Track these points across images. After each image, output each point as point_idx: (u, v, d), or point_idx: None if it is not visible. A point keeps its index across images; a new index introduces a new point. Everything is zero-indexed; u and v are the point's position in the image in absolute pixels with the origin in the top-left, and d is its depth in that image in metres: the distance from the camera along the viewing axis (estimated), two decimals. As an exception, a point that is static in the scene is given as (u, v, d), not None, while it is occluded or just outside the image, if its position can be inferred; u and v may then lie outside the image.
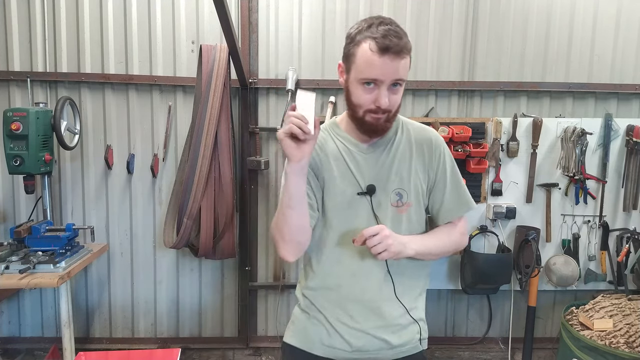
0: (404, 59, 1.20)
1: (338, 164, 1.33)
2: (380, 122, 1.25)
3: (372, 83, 1.20)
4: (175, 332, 3.19)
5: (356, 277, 1.34)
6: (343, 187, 1.32)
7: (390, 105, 1.23)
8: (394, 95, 1.23)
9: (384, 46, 1.16)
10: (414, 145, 1.37)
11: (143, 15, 2.95)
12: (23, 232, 2.54)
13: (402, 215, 1.34)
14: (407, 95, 3.06)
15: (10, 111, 2.53)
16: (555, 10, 3.02)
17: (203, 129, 2.67)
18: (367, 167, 1.33)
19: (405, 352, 1.39)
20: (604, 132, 2.98)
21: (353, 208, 1.32)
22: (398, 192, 1.34)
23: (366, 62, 1.19)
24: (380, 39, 1.17)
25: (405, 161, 1.35)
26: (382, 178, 1.33)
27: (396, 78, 1.21)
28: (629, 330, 2.49)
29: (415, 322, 1.40)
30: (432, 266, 1.47)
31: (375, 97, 1.21)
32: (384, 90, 1.21)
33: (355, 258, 1.33)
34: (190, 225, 2.72)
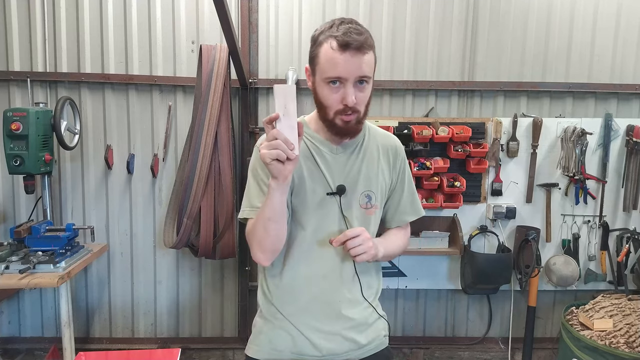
0: (366, 54, 1.19)
1: (308, 163, 1.31)
2: (350, 124, 1.24)
3: (337, 82, 1.20)
4: (175, 332, 3.19)
5: (327, 279, 1.32)
6: (313, 186, 1.31)
7: (358, 103, 1.21)
8: (360, 92, 1.22)
9: (345, 43, 1.16)
10: (380, 149, 1.39)
11: (143, 15, 2.95)
12: (23, 232, 2.54)
13: (370, 217, 1.36)
14: (407, 96, 3.07)
15: (10, 111, 2.53)
16: (555, 10, 3.02)
17: (203, 129, 2.67)
18: (337, 167, 1.32)
19: (372, 349, 1.40)
20: (604, 132, 2.98)
21: (322, 208, 1.31)
22: (367, 194, 1.34)
23: (329, 60, 1.18)
24: (341, 37, 1.16)
25: (373, 164, 1.36)
26: (352, 179, 1.33)
27: (360, 75, 1.19)
28: (629, 330, 2.49)
29: (381, 317, 1.43)
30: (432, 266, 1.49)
31: (342, 96, 1.20)
32: (350, 87, 1.19)
33: (326, 259, 1.32)
34: (190, 225, 2.72)
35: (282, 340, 1.35)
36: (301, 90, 3.00)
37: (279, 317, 1.35)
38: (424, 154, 2.90)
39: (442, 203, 2.85)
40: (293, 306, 1.34)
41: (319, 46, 1.21)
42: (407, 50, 3.03)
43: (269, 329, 1.37)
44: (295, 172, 1.28)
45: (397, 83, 3.01)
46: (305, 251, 1.32)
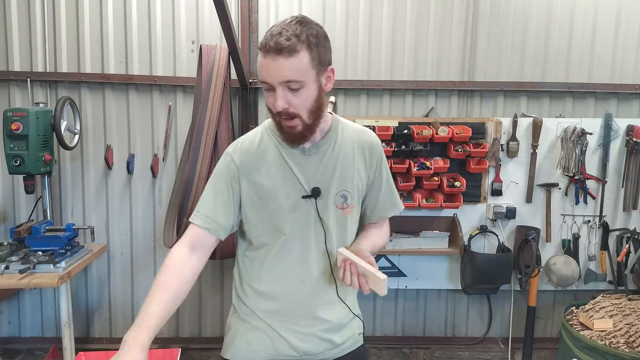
0: (290, 57, 1.12)
1: (280, 167, 1.28)
2: (296, 130, 1.20)
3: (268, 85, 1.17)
4: (175, 332, 3.19)
5: (304, 284, 1.31)
6: (287, 191, 1.27)
7: (294, 107, 1.16)
8: (295, 97, 1.15)
9: (266, 47, 1.13)
10: (355, 146, 1.34)
11: (143, 15, 2.95)
12: (23, 232, 2.54)
13: (346, 217, 1.33)
14: (407, 96, 3.07)
15: (10, 111, 2.53)
16: (555, 10, 3.02)
17: (203, 129, 2.67)
18: (310, 169, 1.28)
19: (347, 348, 1.39)
20: (604, 132, 2.98)
21: (298, 212, 1.28)
22: (343, 195, 1.31)
23: (258, 66, 1.18)
24: (265, 39, 1.14)
25: (348, 163, 1.32)
26: (326, 180, 1.29)
27: (283, 80, 1.13)
28: (629, 330, 2.49)
29: (356, 316, 1.42)
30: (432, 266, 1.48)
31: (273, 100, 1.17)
32: (278, 92, 1.14)
33: (303, 264, 1.30)
34: (190, 225, 2.72)
35: (258, 341, 1.33)
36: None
37: (255, 318, 1.34)
38: (424, 154, 2.91)
39: (442, 203, 2.85)
40: (270, 308, 1.33)
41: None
42: (407, 50, 3.03)
43: (246, 330, 1.35)
44: (266, 179, 1.27)
45: (397, 83, 3.01)
46: (283, 256, 1.30)
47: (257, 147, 1.30)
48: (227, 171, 1.29)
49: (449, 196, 2.90)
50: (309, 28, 1.17)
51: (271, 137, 1.31)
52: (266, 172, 1.28)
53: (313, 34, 1.16)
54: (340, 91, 3.02)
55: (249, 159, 1.29)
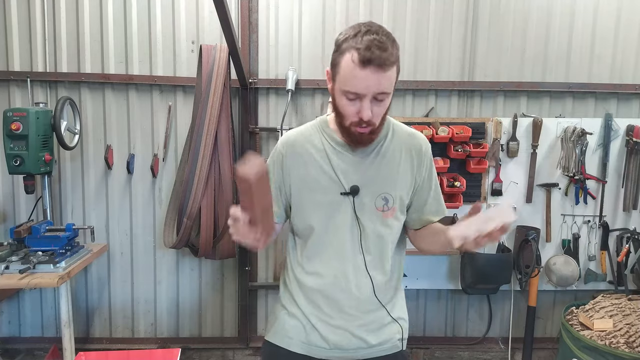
0: (388, 71, 1.16)
1: (323, 162, 1.33)
2: (364, 136, 1.25)
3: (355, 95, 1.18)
4: (175, 332, 3.19)
5: (337, 278, 1.34)
6: (326, 185, 1.31)
7: (374, 117, 1.21)
8: (377, 107, 1.21)
9: (366, 59, 1.13)
10: (403, 150, 1.36)
11: (143, 15, 2.95)
12: (23, 232, 2.54)
13: (387, 220, 1.34)
14: (407, 96, 3.07)
15: (10, 111, 2.53)
16: (555, 10, 3.02)
17: (203, 129, 2.67)
18: (353, 168, 1.32)
19: (384, 350, 1.39)
20: (604, 132, 2.98)
21: (335, 208, 1.31)
22: (384, 197, 1.32)
23: (349, 74, 1.16)
24: (363, 51, 1.13)
25: (393, 166, 1.34)
26: (368, 180, 1.31)
27: (378, 92, 1.17)
28: (629, 330, 2.49)
29: (395, 321, 1.41)
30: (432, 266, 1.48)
31: (357, 109, 1.20)
32: (367, 103, 1.18)
33: (337, 258, 1.33)
34: (190, 225, 2.72)
35: (293, 328, 1.39)
36: (301, 91, 3.01)
37: (294, 305, 1.40)
38: (424, 154, 2.90)
39: (442, 203, 2.85)
40: (306, 299, 1.38)
41: (341, 55, 1.18)
42: (407, 50, 3.03)
43: (284, 316, 1.42)
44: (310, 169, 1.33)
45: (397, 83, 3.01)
46: (318, 249, 1.35)
47: (304, 141, 1.36)
48: (274, 161, 1.38)
49: (449, 196, 2.90)
50: (392, 39, 1.18)
51: (321, 133, 1.36)
52: (309, 166, 1.33)
53: (397, 46, 1.20)
54: (340, 91, 3.02)
55: (294, 152, 1.36)
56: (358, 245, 1.33)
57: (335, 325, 1.35)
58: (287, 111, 2.94)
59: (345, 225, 1.32)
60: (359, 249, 1.33)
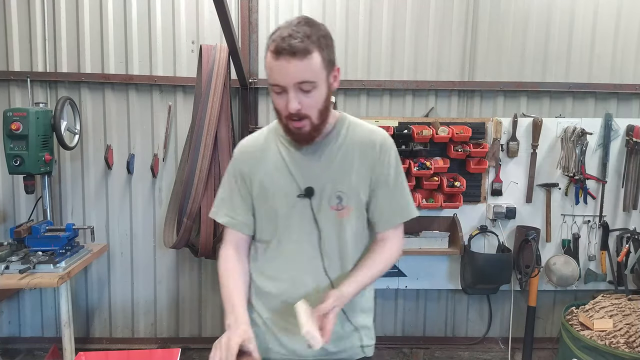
0: (304, 59, 1.12)
1: (279, 166, 1.30)
2: (303, 130, 1.20)
3: (279, 88, 1.16)
4: (175, 332, 3.19)
5: (295, 286, 1.31)
6: (285, 189, 1.29)
7: (305, 108, 1.17)
8: (306, 98, 1.16)
9: (279, 49, 1.12)
10: (358, 147, 1.30)
11: (143, 15, 2.95)
12: (23, 232, 2.54)
13: (343, 220, 1.30)
14: (407, 96, 3.07)
15: (10, 111, 2.53)
16: (555, 10, 3.02)
17: (203, 129, 2.67)
18: (307, 169, 1.28)
19: (344, 358, 1.35)
20: (604, 132, 2.98)
21: (294, 211, 1.29)
22: (337, 195, 1.28)
23: (268, 67, 1.17)
24: (278, 42, 1.12)
25: (347, 164, 1.29)
26: (321, 180, 1.28)
27: (297, 81, 1.13)
28: (629, 330, 2.49)
29: (356, 329, 1.36)
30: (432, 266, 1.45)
31: (285, 102, 1.17)
32: (291, 93, 1.15)
33: (295, 263, 1.31)
34: (190, 225, 2.72)
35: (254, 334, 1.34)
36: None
37: (254, 312, 1.37)
38: (424, 154, 2.91)
39: (442, 203, 2.85)
40: (264, 305, 1.36)
41: (266, 51, 1.18)
42: (407, 50, 3.03)
43: None
44: (267, 177, 1.31)
45: (397, 83, 3.01)
46: (278, 254, 1.33)
47: (259, 147, 1.35)
48: (234, 171, 1.36)
49: (449, 196, 2.90)
50: (317, 29, 1.17)
51: (274, 137, 1.34)
52: (266, 171, 1.31)
53: (322, 35, 1.17)
54: (340, 91, 3.02)
55: (250, 158, 1.34)
56: (317, 248, 1.29)
57: (293, 332, 1.28)
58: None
59: (304, 228, 1.29)
60: (317, 252, 1.30)
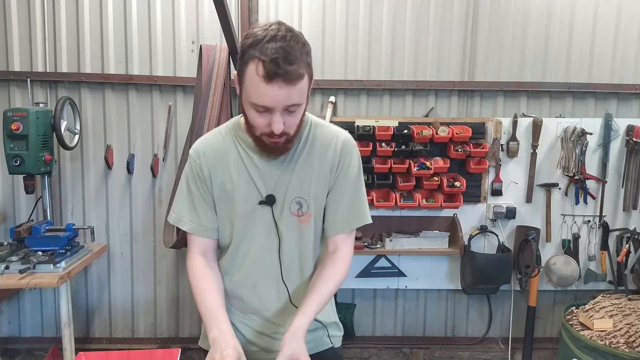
0: (297, 84, 1.07)
1: (240, 171, 1.26)
2: (278, 145, 1.17)
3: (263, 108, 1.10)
4: (175, 332, 3.19)
5: (257, 288, 1.33)
6: (245, 195, 1.26)
7: (287, 128, 1.13)
8: (290, 117, 1.12)
9: (272, 73, 1.03)
10: (318, 150, 1.27)
11: (143, 15, 2.95)
12: (23, 232, 2.54)
13: (303, 226, 1.28)
14: (407, 96, 3.07)
15: (10, 111, 2.53)
16: (555, 10, 3.02)
17: (203, 129, 2.67)
18: (268, 174, 1.25)
19: (312, 349, 1.33)
20: (604, 132, 2.98)
21: (255, 217, 1.28)
22: (298, 201, 1.27)
23: (254, 88, 1.07)
24: (268, 63, 1.03)
25: (307, 168, 1.26)
26: (282, 186, 1.26)
27: (287, 104, 1.09)
28: (629, 330, 2.49)
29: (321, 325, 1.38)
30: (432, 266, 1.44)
31: (268, 122, 1.11)
32: (277, 116, 1.10)
33: (255, 267, 1.32)
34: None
35: None
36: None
37: None
38: (424, 154, 2.91)
39: (442, 203, 2.85)
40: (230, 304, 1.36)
41: (246, 64, 1.08)
42: (407, 50, 3.03)
43: None
44: (227, 182, 1.27)
45: (397, 83, 3.01)
46: (238, 259, 1.33)
47: (218, 148, 1.29)
48: (192, 173, 1.30)
49: (449, 196, 2.90)
50: (302, 43, 1.09)
51: (233, 139, 1.29)
52: (225, 174, 1.28)
53: (307, 51, 1.10)
54: (340, 91, 3.02)
55: (209, 160, 1.28)
56: (276, 254, 1.30)
57: (259, 331, 1.36)
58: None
59: (263, 234, 1.28)
60: (276, 258, 1.30)
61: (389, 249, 2.91)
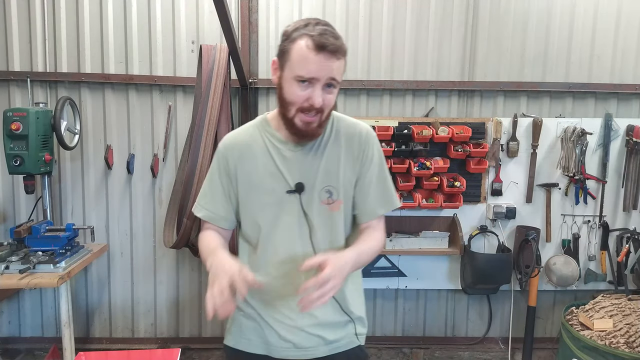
0: (339, 59, 1.19)
1: (266, 162, 1.31)
2: (311, 126, 1.23)
3: (306, 81, 1.18)
4: (175, 332, 3.19)
5: (288, 277, 1.32)
6: (272, 185, 1.30)
7: (324, 105, 1.20)
8: (328, 95, 1.21)
9: (321, 44, 1.14)
10: (343, 140, 1.34)
11: (143, 15, 2.95)
12: (23, 232, 2.54)
13: (334, 213, 1.32)
14: (407, 96, 3.07)
15: (10, 111, 2.53)
16: (555, 10, 3.02)
17: (203, 129, 2.67)
18: (295, 164, 1.30)
19: (341, 347, 1.38)
20: (604, 132, 2.98)
21: (284, 207, 1.31)
22: (328, 190, 1.31)
23: (302, 58, 1.16)
24: (317, 37, 1.15)
25: (334, 158, 1.32)
26: (310, 175, 1.30)
27: (331, 77, 1.18)
28: (629, 330, 2.49)
29: (351, 320, 1.40)
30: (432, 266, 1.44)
31: (309, 95, 1.19)
32: (318, 89, 1.18)
33: (287, 257, 1.32)
34: (190, 225, 2.72)
35: (251, 329, 1.38)
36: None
37: (249, 307, 1.38)
38: (424, 154, 2.90)
39: (442, 203, 2.85)
40: (260, 299, 1.36)
41: (292, 42, 1.18)
42: (407, 50, 3.03)
43: (240, 317, 1.40)
44: (254, 173, 1.32)
45: (397, 83, 3.01)
46: (269, 248, 1.34)
47: (245, 142, 1.35)
48: (219, 167, 1.36)
49: (449, 196, 2.90)
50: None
51: (261, 134, 1.34)
52: (252, 166, 1.32)
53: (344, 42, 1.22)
54: (340, 91, 2.99)
55: (237, 154, 1.34)
56: (308, 242, 1.32)
57: (291, 324, 1.34)
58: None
59: (294, 223, 1.31)
60: (309, 246, 1.32)
61: (389, 249, 2.91)
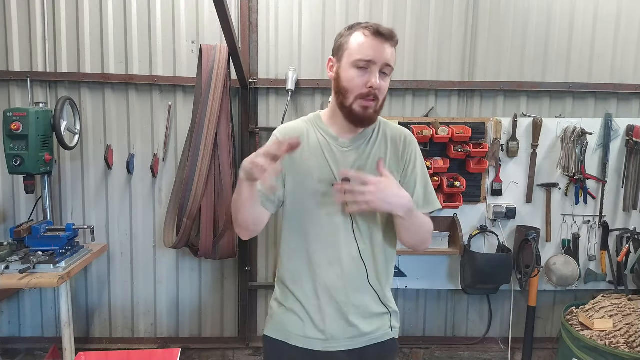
0: (393, 47, 1.31)
1: (317, 154, 1.39)
2: (368, 111, 1.31)
3: (364, 67, 1.28)
4: (175, 332, 3.19)
5: (332, 266, 1.38)
6: (319, 176, 1.37)
7: (380, 90, 1.30)
8: (382, 82, 1.30)
9: (377, 31, 1.28)
10: (389, 141, 1.42)
11: (143, 15, 2.95)
12: (23, 232, 2.54)
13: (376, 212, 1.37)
14: (407, 96, 3.07)
15: (10, 111, 2.53)
16: (555, 10, 3.02)
17: (203, 129, 2.67)
18: (344, 160, 1.38)
19: (376, 339, 1.43)
20: (604, 132, 2.98)
21: (328, 198, 1.36)
22: None
23: (360, 44, 1.28)
24: (374, 26, 1.29)
25: (380, 156, 1.40)
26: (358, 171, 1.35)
27: (386, 62, 1.29)
28: (629, 330, 2.49)
29: (388, 312, 1.46)
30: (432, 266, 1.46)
31: (367, 80, 1.28)
32: (376, 72, 1.28)
33: (331, 245, 1.37)
34: (190, 225, 2.72)
35: (292, 322, 1.43)
36: (301, 91, 3.01)
37: (290, 300, 1.43)
38: (424, 154, 2.88)
39: (442, 203, 2.85)
40: (301, 289, 1.41)
41: (349, 35, 1.31)
42: (407, 50, 3.03)
43: (281, 312, 1.45)
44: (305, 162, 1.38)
45: (397, 83, 3.01)
46: (311, 240, 1.38)
47: (300, 133, 1.41)
48: None
49: (449, 196, 2.90)
50: None
51: (313, 128, 1.43)
52: (303, 157, 1.39)
53: None
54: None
55: None
56: (351, 233, 1.37)
57: (330, 313, 1.39)
58: (287, 111, 2.94)
59: (338, 214, 1.36)
60: (352, 237, 1.37)
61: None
